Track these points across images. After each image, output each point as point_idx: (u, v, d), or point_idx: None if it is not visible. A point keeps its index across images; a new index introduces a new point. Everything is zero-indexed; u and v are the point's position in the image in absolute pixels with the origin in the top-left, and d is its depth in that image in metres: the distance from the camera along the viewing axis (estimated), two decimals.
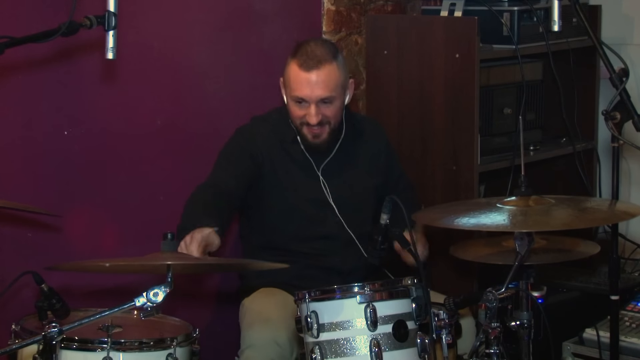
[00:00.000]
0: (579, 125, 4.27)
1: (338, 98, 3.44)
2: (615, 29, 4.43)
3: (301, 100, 3.41)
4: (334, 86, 3.41)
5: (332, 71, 3.41)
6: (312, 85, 3.39)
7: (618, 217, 3.01)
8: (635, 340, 3.51)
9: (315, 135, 3.45)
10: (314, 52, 3.42)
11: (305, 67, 3.39)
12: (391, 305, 2.77)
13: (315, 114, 3.40)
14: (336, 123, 3.49)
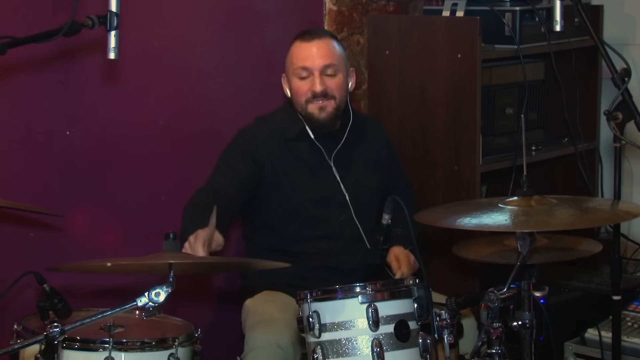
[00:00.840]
0: (580, 125, 4.28)
1: (340, 71, 3.49)
2: (617, 29, 4.44)
3: (305, 70, 3.45)
4: (335, 56, 3.48)
5: (332, 44, 3.50)
6: (314, 54, 3.46)
7: (620, 217, 3.02)
8: (637, 340, 3.52)
9: (321, 108, 3.46)
10: (315, 30, 3.56)
11: (306, 39, 3.48)
12: (393, 305, 2.77)
13: (319, 82, 3.44)
14: (341, 100, 3.50)
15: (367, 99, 4.23)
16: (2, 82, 3.17)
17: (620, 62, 2.93)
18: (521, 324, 2.77)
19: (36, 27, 2.50)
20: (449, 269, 3.65)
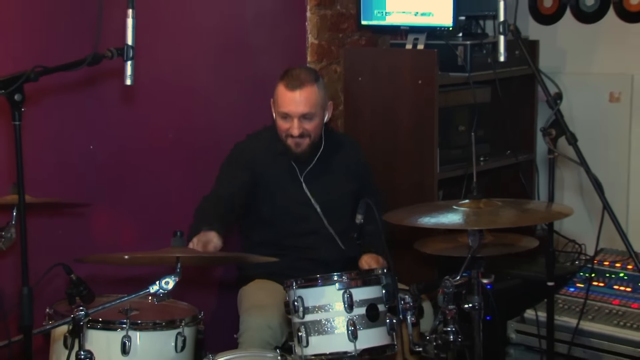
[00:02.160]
0: (520, 140, 4.30)
1: (317, 115, 3.46)
2: (551, 59, 4.45)
3: (286, 115, 3.43)
4: (313, 104, 3.44)
5: (312, 92, 3.44)
6: (296, 102, 3.42)
7: (553, 217, 3.03)
8: (567, 318, 3.52)
9: (297, 145, 3.46)
10: (299, 75, 3.45)
11: (290, 87, 3.42)
12: (365, 291, 2.78)
13: (297, 127, 3.43)
14: (316, 137, 3.50)
15: (344, 119, 4.23)
16: (35, 104, 3.15)
17: (553, 87, 2.94)
18: (471, 306, 2.77)
19: (64, 58, 2.49)
20: (412, 261, 3.65)
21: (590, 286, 3.69)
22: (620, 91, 4.34)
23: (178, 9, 3.76)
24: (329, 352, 2.73)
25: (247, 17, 4.00)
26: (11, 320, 2.62)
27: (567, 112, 3.28)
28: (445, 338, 2.73)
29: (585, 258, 4.15)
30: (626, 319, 3.51)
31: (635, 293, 3.66)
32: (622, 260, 3.83)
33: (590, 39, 4.43)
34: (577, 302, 3.61)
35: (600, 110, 4.38)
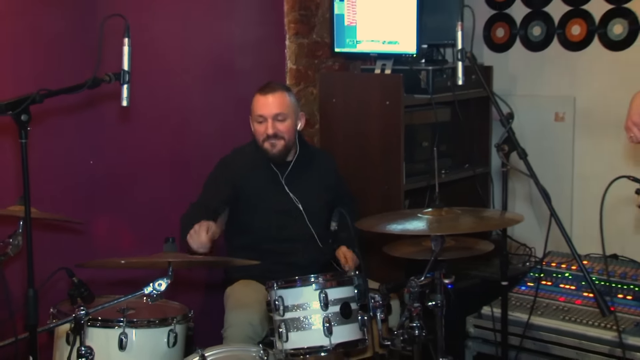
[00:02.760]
0: (477, 155, 4.32)
1: (290, 117, 3.47)
2: (503, 83, 4.48)
3: (261, 117, 3.44)
4: (285, 106, 3.45)
5: (283, 96, 3.46)
6: (269, 104, 3.43)
7: (506, 223, 3.05)
8: (519, 314, 3.53)
9: (273, 145, 3.45)
10: (270, 84, 3.51)
11: (263, 92, 3.46)
12: (339, 291, 2.78)
13: (271, 126, 3.43)
14: (290, 140, 3.49)
15: (319, 135, 4.24)
16: (41, 123, 3.13)
17: (506, 108, 2.96)
18: (434, 304, 2.77)
19: (66, 82, 2.49)
20: (381, 263, 3.65)
21: (540, 285, 3.71)
22: (564, 111, 4.38)
23: (171, 38, 3.76)
24: (306, 347, 2.73)
25: (233, 45, 4.00)
26: (18, 319, 2.60)
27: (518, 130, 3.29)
28: (411, 333, 2.73)
29: (535, 260, 4.17)
30: (571, 314, 3.53)
31: (579, 291, 3.68)
32: (567, 261, 3.85)
33: (537, 65, 4.47)
34: (528, 300, 3.63)
35: (547, 128, 4.41)
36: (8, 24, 3.25)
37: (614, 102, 4.11)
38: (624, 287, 3.62)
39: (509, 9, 4.53)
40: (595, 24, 4.24)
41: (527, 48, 4.51)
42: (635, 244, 3.96)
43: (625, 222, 4.05)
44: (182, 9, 3.78)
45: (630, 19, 4.12)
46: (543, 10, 4.41)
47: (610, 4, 4.17)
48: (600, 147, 4.23)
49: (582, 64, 4.31)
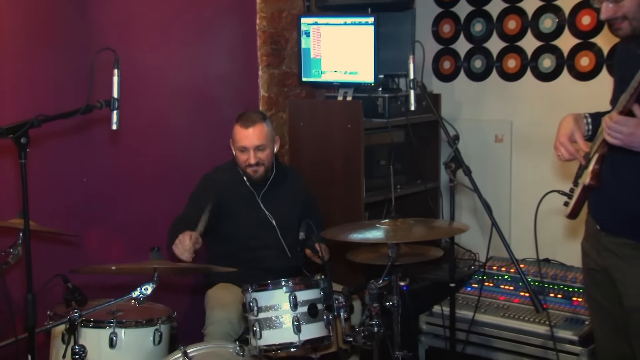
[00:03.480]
0: (428, 171, 4.33)
1: (268, 147, 3.46)
2: (450, 109, 4.52)
3: (243, 148, 3.43)
4: (264, 138, 3.44)
5: (262, 128, 3.45)
6: (250, 137, 3.42)
7: (454, 232, 3.06)
8: (465, 312, 3.56)
9: (255, 171, 3.45)
10: (250, 116, 3.47)
11: (244, 126, 3.43)
12: (307, 293, 2.77)
13: (253, 157, 3.42)
14: (268, 164, 3.49)
15: (289, 155, 4.23)
16: (38, 145, 3.10)
17: (452, 130, 2.98)
18: (391, 304, 2.78)
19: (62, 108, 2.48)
20: (345, 268, 3.64)
21: (483, 286, 3.75)
22: (503, 134, 4.41)
23: (157, 69, 3.73)
24: (278, 343, 2.71)
25: (213, 75, 3.98)
26: (18, 321, 2.56)
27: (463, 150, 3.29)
28: (371, 329, 2.73)
29: (479, 264, 4.19)
30: (510, 311, 3.56)
31: (516, 291, 3.72)
32: (506, 265, 3.89)
33: (479, 93, 4.51)
34: (473, 299, 3.66)
35: (488, 148, 4.44)
36: (10, 58, 3.22)
37: (545, 125, 4.15)
38: (555, 287, 3.66)
39: (454, 44, 4.57)
40: (527, 59, 4.29)
41: (470, 78, 4.54)
42: (564, 250, 4.00)
43: (556, 230, 4.09)
44: (167, 43, 3.76)
45: (557, 54, 4.18)
46: (483, 46, 4.46)
47: (540, 41, 4.23)
48: (534, 165, 4.27)
49: (517, 93, 4.35)
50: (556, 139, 2.58)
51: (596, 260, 2.64)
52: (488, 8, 4.40)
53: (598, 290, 2.67)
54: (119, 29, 3.55)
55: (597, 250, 2.62)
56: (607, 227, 2.57)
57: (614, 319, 2.62)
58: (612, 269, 2.56)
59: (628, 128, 2.28)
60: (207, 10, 3.91)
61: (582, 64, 4.09)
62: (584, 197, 2.55)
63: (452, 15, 4.56)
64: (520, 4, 4.27)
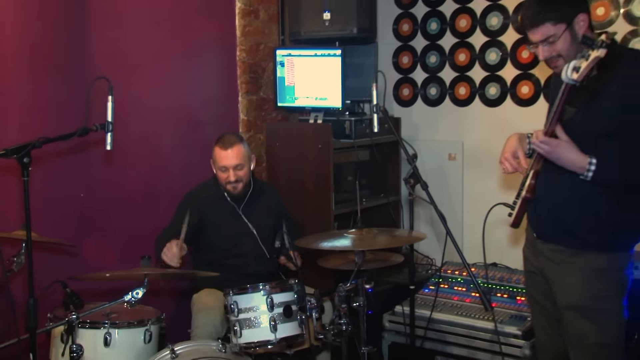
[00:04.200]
0: (390, 186, 4.35)
1: (246, 165, 3.46)
2: (409, 130, 4.55)
3: (224, 167, 3.41)
4: (242, 157, 3.43)
5: (240, 149, 3.44)
6: (229, 157, 3.41)
7: (413, 240, 3.07)
8: (423, 311, 3.56)
9: (234, 188, 3.44)
10: (229, 138, 3.46)
11: (224, 148, 3.42)
12: (282, 296, 2.77)
13: (233, 175, 3.41)
14: (247, 181, 3.48)
15: (266, 172, 4.22)
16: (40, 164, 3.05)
17: (411, 150, 2.99)
18: (358, 305, 2.78)
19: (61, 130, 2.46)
20: (316, 273, 3.64)
21: (439, 288, 3.76)
22: (456, 152, 4.44)
23: (147, 95, 3.72)
24: (256, 341, 2.70)
25: (197, 100, 3.97)
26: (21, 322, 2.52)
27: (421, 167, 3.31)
28: (340, 328, 2.73)
29: (435, 268, 4.20)
30: (463, 309, 3.57)
31: (468, 292, 3.73)
32: (459, 269, 3.91)
33: (434, 117, 4.54)
34: (430, 300, 3.66)
35: (443, 165, 4.47)
36: (16, 85, 3.20)
37: (492, 145, 4.16)
38: (502, 288, 3.69)
39: (412, 73, 4.61)
40: (476, 87, 4.34)
41: (426, 104, 4.58)
42: (510, 255, 4.03)
43: (502, 237, 4.12)
44: (157, 71, 3.75)
45: (501, 83, 4.23)
46: (437, 76, 4.50)
47: (487, 72, 4.28)
48: (482, 180, 4.31)
49: (467, 116, 4.39)
50: (501, 154, 2.62)
51: (534, 264, 2.67)
52: (441, 42, 4.45)
53: (537, 291, 2.70)
54: (114, 58, 3.54)
55: (535, 255, 2.66)
56: (542, 235, 2.60)
57: (550, 316, 2.66)
58: (548, 272, 2.59)
59: (548, 147, 2.35)
60: (193, 42, 3.91)
61: (523, 92, 4.16)
62: (523, 209, 2.59)
63: (410, 49, 4.60)
64: (469, 39, 4.33)
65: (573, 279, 2.48)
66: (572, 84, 2.26)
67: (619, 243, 2.46)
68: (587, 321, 2.46)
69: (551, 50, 2.41)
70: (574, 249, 2.48)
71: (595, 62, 2.20)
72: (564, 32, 2.36)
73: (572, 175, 2.38)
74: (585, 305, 2.46)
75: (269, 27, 4.26)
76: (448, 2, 4.39)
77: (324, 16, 3.91)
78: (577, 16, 2.37)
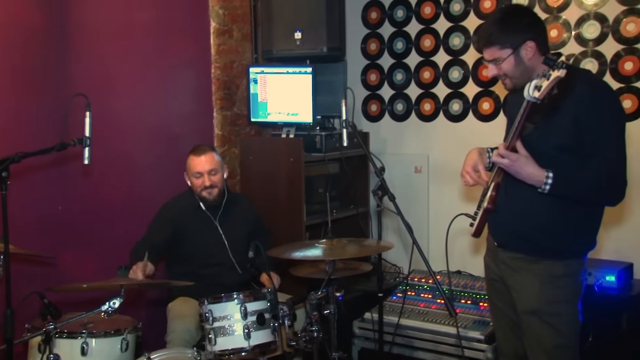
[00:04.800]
0: (359, 198, 4.36)
1: (219, 171, 3.46)
2: (377, 144, 4.57)
3: (199, 174, 3.41)
4: (215, 163, 3.45)
5: (212, 155, 3.46)
6: (203, 163, 3.42)
7: (381, 249, 3.08)
8: (391, 317, 3.58)
9: (210, 193, 3.43)
10: (201, 147, 3.48)
11: (197, 154, 3.44)
12: (256, 304, 2.76)
13: (207, 179, 3.41)
14: (221, 187, 3.47)
15: (240, 184, 4.21)
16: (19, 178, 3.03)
17: (379, 163, 3.01)
18: (329, 312, 2.78)
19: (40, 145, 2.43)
20: (289, 281, 3.63)
21: (406, 295, 3.78)
22: (421, 165, 4.48)
23: (124, 110, 3.69)
24: (230, 348, 2.69)
25: (174, 116, 3.96)
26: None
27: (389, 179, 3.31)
28: (312, 334, 2.73)
29: (403, 276, 4.23)
30: (429, 316, 3.60)
31: (434, 298, 3.76)
32: (425, 277, 3.94)
33: (401, 132, 4.58)
34: (398, 306, 3.68)
35: (409, 178, 4.50)
36: None
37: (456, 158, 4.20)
38: (465, 295, 3.72)
39: (380, 90, 4.65)
40: (440, 103, 4.39)
41: (393, 119, 4.62)
42: (472, 263, 4.07)
43: (465, 246, 4.16)
44: (134, 88, 3.73)
45: (464, 100, 4.30)
46: (404, 92, 4.55)
47: (450, 89, 4.34)
48: (447, 191, 4.35)
49: (432, 131, 4.44)
50: (462, 168, 2.65)
51: (495, 272, 2.71)
52: (407, 61, 4.50)
53: (497, 297, 2.74)
54: (92, 76, 3.51)
55: (496, 263, 2.69)
56: (502, 244, 2.64)
57: (510, 321, 2.69)
58: (508, 279, 2.63)
59: (508, 161, 2.39)
60: (169, 60, 3.90)
61: (484, 108, 4.22)
62: (485, 219, 2.63)
63: (377, 67, 4.65)
64: (433, 57, 4.39)
65: (531, 285, 2.52)
66: (533, 101, 2.32)
67: (574, 251, 2.51)
68: (545, 325, 2.50)
69: (497, 70, 2.50)
70: (532, 257, 2.52)
71: (556, 81, 2.25)
72: (509, 56, 2.45)
73: (530, 187, 2.43)
74: (543, 309, 2.50)
75: (242, 46, 4.27)
76: (413, 22, 4.45)
77: (296, 35, 3.93)
78: (525, 43, 2.44)
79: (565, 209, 2.45)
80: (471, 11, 4.20)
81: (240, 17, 4.24)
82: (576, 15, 3.81)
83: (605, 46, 3.73)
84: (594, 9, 3.75)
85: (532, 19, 2.51)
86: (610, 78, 3.70)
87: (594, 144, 2.36)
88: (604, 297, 3.31)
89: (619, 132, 2.40)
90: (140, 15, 3.76)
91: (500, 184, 2.54)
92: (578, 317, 2.52)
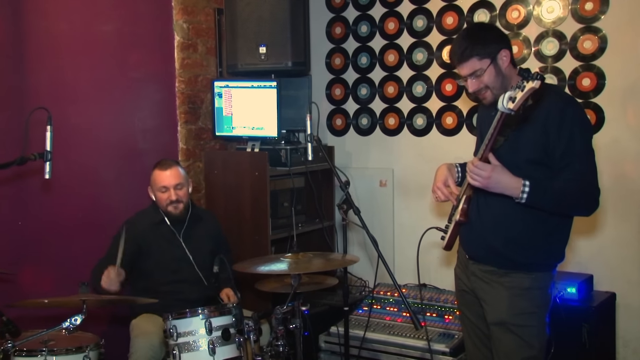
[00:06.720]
0: (324, 212, 4.37)
1: (184, 186, 3.45)
2: (342, 158, 4.59)
3: (164, 188, 3.40)
4: (180, 177, 3.44)
5: (178, 170, 3.45)
6: (169, 177, 3.41)
7: (347, 263, 3.10)
8: (357, 331, 3.59)
9: (175, 207, 3.41)
10: (166, 162, 3.48)
11: (163, 169, 3.42)
12: (221, 320, 2.75)
13: (174, 194, 3.40)
14: (186, 202, 3.46)
15: (205, 199, 4.19)
16: None
17: (344, 177, 3.04)
18: (295, 326, 2.78)
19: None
20: (254, 296, 3.62)
21: (372, 309, 3.79)
22: (386, 179, 4.49)
23: (87, 124, 3.65)
24: None
25: (137, 130, 3.93)
26: None
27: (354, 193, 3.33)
28: (277, 349, 2.73)
29: (368, 290, 4.24)
30: (394, 329, 3.62)
31: (400, 312, 3.78)
32: (391, 290, 3.96)
33: (366, 146, 4.60)
34: (363, 320, 3.69)
35: (374, 192, 4.52)
36: None
37: (420, 172, 4.31)
38: (432, 307, 3.75)
39: (345, 104, 4.69)
40: (404, 117, 4.44)
41: (358, 133, 4.64)
42: (439, 276, 4.11)
43: (432, 260, 4.19)
44: (96, 101, 3.69)
45: (427, 114, 4.35)
46: (368, 107, 4.59)
47: (414, 103, 4.40)
48: (412, 205, 4.39)
49: (397, 145, 4.48)
50: (433, 184, 2.69)
51: (466, 283, 2.74)
52: (371, 75, 4.55)
53: (468, 308, 2.77)
54: (53, 89, 3.47)
55: (467, 274, 2.73)
56: (474, 256, 2.68)
57: (480, 332, 2.73)
58: (478, 291, 2.67)
59: (485, 172, 2.40)
60: (133, 74, 3.87)
61: (447, 122, 4.29)
62: (456, 232, 2.66)
63: (342, 81, 4.69)
64: (397, 72, 4.44)
65: (501, 297, 2.56)
66: (507, 112, 2.31)
67: (543, 264, 2.56)
68: (513, 336, 2.54)
69: (479, 83, 2.52)
70: (503, 270, 2.56)
71: (530, 92, 2.25)
72: (489, 66, 2.48)
73: (501, 201, 2.46)
74: (511, 321, 2.54)
75: (207, 60, 4.26)
76: (377, 38, 4.50)
77: (260, 50, 3.95)
78: (500, 52, 2.50)
79: (536, 222, 2.49)
80: (434, 27, 4.28)
81: (204, 31, 4.25)
82: (535, 32, 3.91)
83: (563, 62, 3.84)
84: (553, 27, 3.86)
85: (499, 31, 2.61)
86: (569, 93, 3.81)
87: (566, 155, 2.40)
88: (565, 308, 3.37)
89: (588, 143, 2.46)
90: (103, 28, 3.73)
91: (472, 197, 2.58)
92: (545, 329, 2.57)
